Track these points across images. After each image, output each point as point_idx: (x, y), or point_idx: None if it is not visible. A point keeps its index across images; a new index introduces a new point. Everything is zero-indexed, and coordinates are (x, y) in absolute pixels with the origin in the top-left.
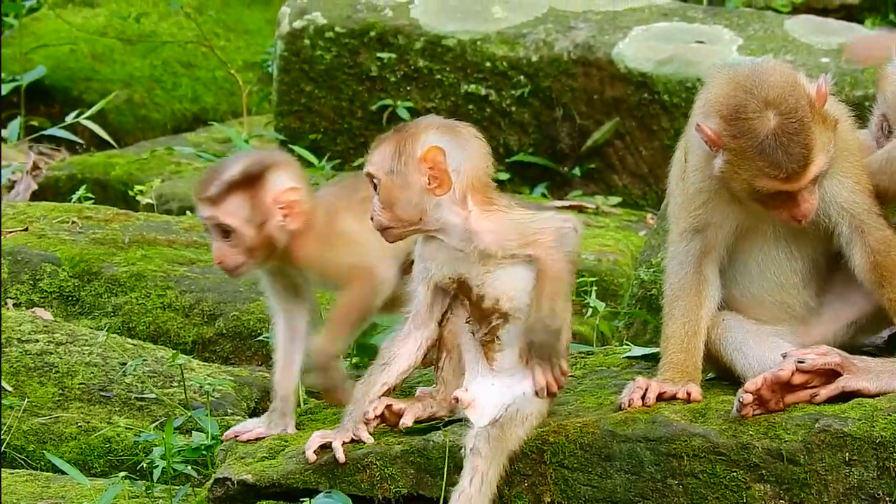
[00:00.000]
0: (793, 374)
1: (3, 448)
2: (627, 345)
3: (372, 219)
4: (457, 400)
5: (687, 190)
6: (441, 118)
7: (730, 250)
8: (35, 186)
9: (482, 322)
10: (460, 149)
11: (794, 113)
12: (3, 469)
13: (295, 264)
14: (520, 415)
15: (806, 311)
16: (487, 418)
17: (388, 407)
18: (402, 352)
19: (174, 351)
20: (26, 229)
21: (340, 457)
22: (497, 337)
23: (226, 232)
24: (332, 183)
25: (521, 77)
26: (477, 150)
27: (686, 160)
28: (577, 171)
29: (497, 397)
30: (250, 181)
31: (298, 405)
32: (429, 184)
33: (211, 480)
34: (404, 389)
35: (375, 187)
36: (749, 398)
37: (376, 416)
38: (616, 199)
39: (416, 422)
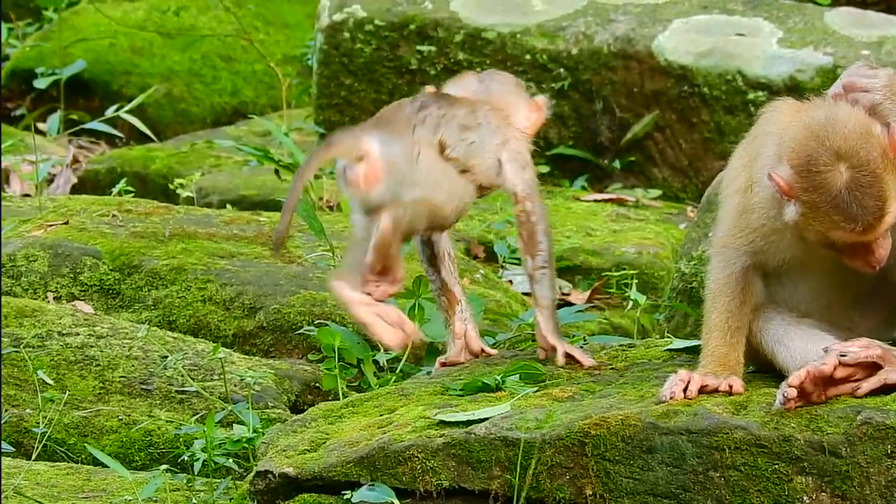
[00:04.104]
0: (835, 369)
1: (44, 441)
2: (668, 337)
3: None
4: None
5: (748, 216)
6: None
7: (779, 271)
8: (75, 180)
9: None
10: None
11: (865, 165)
12: (44, 462)
13: None
14: None
15: (850, 323)
16: None
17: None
18: None
19: (214, 344)
20: (66, 223)
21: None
22: None
23: None
24: None
25: (561, 70)
26: None
27: (751, 186)
28: (616, 163)
29: None
30: None
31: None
32: None
33: (252, 473)
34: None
35: None
36: (793, 393)
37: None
38: (656, 192)
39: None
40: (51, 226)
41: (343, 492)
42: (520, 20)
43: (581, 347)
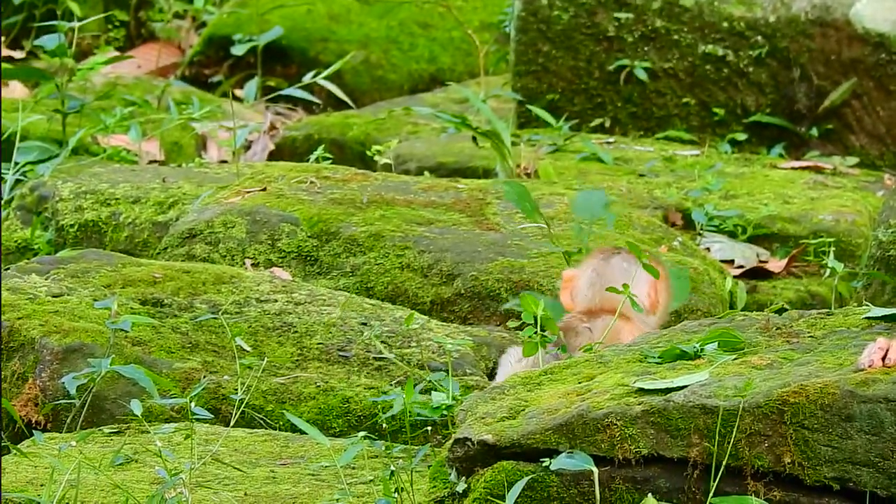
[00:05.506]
0: None
1: (242, 408)
2: (866, 305)
3: None
4: None
5: None
6: None
7: None
8: (272, 147)
9: None
10: None
11: None
12: (242, 428)
13: None
14: None
15: None
16: None
17: None
18: None
19: (412, 311)
20: (264, 189)
21: None
22: None
23: None
24: None
25: (759, 37)
26: None
27: None
28: (814, 131)
29: None
30: None
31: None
32: None
33: (451, 440)
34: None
35: None
36: None
37: None
38: (853, 160)
39: None
40: (248, 192)
41: (542, 459)
42: None
43: (779, 315)
